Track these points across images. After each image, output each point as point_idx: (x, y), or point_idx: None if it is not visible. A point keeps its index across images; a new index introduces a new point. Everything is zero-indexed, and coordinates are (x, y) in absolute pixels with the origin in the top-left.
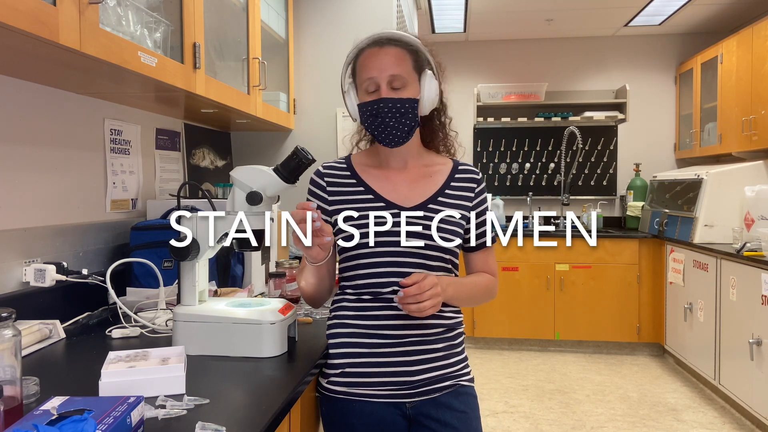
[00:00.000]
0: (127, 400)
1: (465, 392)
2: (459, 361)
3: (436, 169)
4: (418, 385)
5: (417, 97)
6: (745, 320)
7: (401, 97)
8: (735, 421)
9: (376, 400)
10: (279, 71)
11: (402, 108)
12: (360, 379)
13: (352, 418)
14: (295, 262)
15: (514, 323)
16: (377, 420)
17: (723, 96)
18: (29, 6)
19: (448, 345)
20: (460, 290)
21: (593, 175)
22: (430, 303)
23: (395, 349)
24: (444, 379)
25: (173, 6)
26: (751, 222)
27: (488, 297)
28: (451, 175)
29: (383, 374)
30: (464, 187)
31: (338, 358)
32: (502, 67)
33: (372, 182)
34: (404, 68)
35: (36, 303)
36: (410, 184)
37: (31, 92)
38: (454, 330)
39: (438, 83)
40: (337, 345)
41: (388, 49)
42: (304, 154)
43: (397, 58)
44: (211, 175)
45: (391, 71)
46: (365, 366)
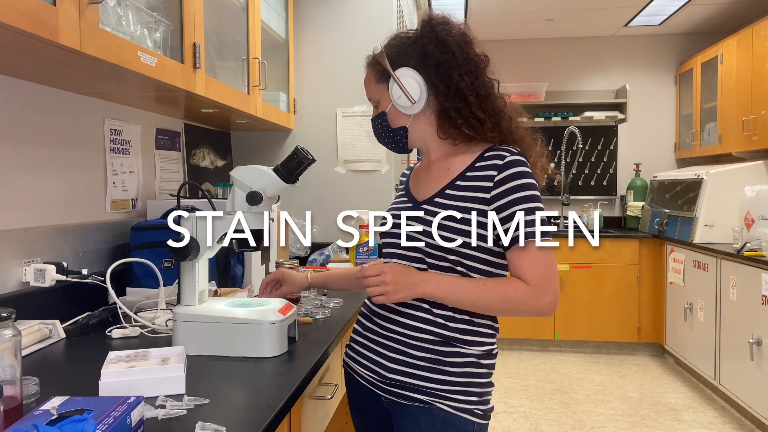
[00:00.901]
0: (127, 400)
1: (442, 417)
2: (449, 382)
3: (457, 159)
4: (390, 384)
5: (386, 109)
6: (745, 320)
7: (372, 116)
8: (735, 421)
9: (360, 381)
10: (279, 71)
11: (377, 126)
12: (354, 355)
13: (349, 388)
14: (295, 262)
15: (514, 323)
16: (360, 399)
17: (723, 96)
18: (29, 6)
19: (433, 358)
20: (447, 289)
21: (593, 175)
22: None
23: (378, 339)
24: (419, 391)
25: (173, 6)
26: (751, 222)
27: (514, 308)
28: (472, 164)
29: (366, 357)
30: (481, 176)
31: (352, 333)
32: (502, 67)
33: (412, 179)
34: (370, 88)
35: (36, 303)
36: (429, 178)
37: (31, 92)
38: (451, 346)
39: (412, 74)
40: (356, 321)
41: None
42: (304, 154)
43: (366, 81)
44: (211, 175)
45: (367, 94)
46: (358, 344)
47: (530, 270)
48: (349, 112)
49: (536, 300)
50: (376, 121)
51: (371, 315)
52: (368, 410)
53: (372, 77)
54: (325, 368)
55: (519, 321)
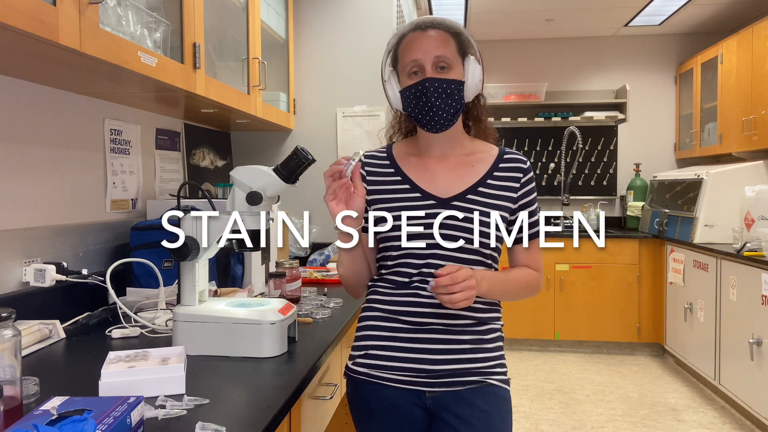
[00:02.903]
0: (127, 400)
1: (493, 392)
2: (490, 358)
3: (479, 156)
4: (438, 375)
5: (462, 79)
6: (745, 320)
7: (447, 78)
8: (735, 421)
9: (395, 385)
10: (279, 71)
11: (448, 89)
12: (381, 362)
13: (371, 401)
14: (295, 262)
15: (514, 323)
16: (394, 405)
17: (723, 96)
18: (29, 6)
19: (476, 338)
20: (495, 285)
21: (593, 175)
22: (462, 295)
23: (417, 335)
24: (469, 373)
25: (173, 6)
26: (751, 222)
27: (529, 293)
28: (495, 164)
29: (403, 359)
30: (509, 177)
31: (363, 340)
32: (502, 67)
33: (410, 172)
34: (449, 50)
35: (36, 303)
36: (450, 173)
37: (31, 92)
38: (486, 324)
39: (482, 69)
40: (364, 327)
41: (431, 32)
42: (304, 154)
43: (442, 40)
44: (211, 175)
45: (436, 52)
46: (386, 350)
47: (539, 259)
48: (349, 112)
49: (541, 282)
50: (452, 84)
51: (397, 316)
52: (404, 415)
53: (452, 42)
54: (325, 368)
55: (519, 321)
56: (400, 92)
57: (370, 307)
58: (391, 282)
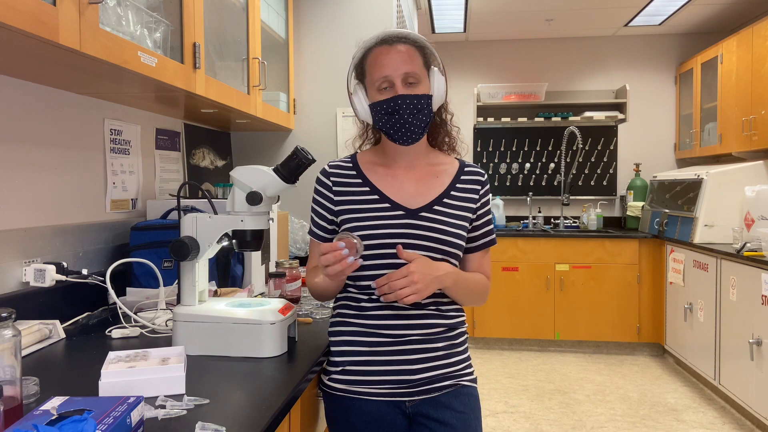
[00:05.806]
0: (127, 400)
1: (466, 392)
2: (460, 361)
3: (442, 168)
4: (417, 384)
5: (430, 93)
6: (745, 320)
7: (417, 93)
8: (735, 421)
9: (376, 399)
10: (279, 71)
11: (419, 104)
12: (360, 377)
13: (352, 417)
14: (295, 262)
15: (514, 323)
16: (377, 419)
17: (723, 96)
18: (29, 6)
19: (448, 344)
20: (459, 282)
21: (593, 175)
22: (407, 290)
23: (395, 348)
24: (444, 378)
25: (173, 6)
26: (751, 222)
27: (481, 299)
28: (458, 176)
29: (383, 372)
30: (470, 188)
31: (339, 356)
32: (502, 67)
33: (378, 181)
34: (416, 65)
35: (36, 303)
36: (416, 183)
37: (31, 92)
38: (456, 329)
39: (445, 79)
40: (339, 343)
41: (398, 47)
42: (304, 154)
43: (409, 55)
44: (211, 175)
45: (405, 69)
46: (365, 364)
47: (488, 267)
48: (349, 112)
49: (488, 291)
50: (422, 99)
51: (375, 330)
52: (387, 426)
53: (418, 56)
54: None
55: (519, 321)
56: (370, 106)
57: (344, 321)
58: (364, 296)
